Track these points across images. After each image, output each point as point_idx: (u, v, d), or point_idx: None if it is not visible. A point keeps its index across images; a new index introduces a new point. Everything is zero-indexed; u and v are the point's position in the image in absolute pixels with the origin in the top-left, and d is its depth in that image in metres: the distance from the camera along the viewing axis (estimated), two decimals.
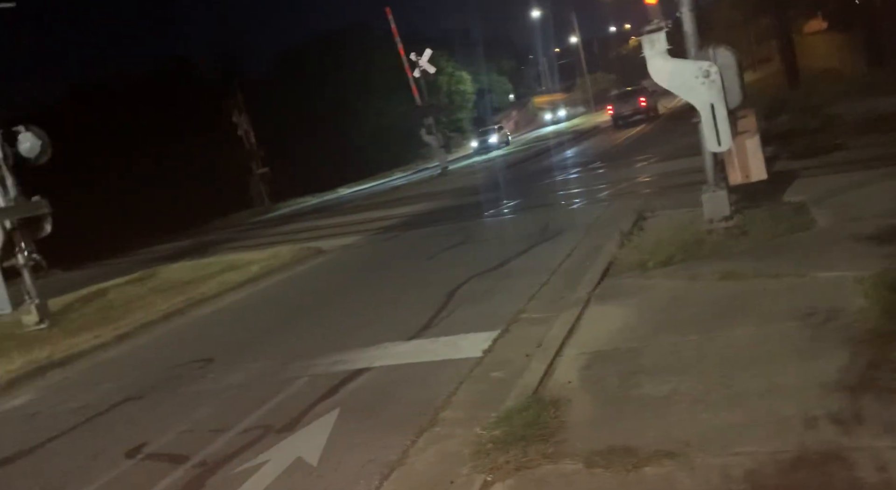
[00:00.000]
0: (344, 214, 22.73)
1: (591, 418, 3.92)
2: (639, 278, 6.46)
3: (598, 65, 73.52)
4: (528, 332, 5.86)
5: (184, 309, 10.72)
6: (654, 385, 4.13)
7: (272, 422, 5.21)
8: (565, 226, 10.62)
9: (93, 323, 10.48)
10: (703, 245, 6.92)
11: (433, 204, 18.94)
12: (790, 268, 5.60)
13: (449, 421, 4.47)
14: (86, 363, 8.66)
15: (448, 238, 12.41)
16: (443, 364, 5.72)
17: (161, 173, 38.95)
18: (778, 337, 4.41)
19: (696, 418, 3.61)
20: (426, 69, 32.25)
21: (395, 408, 5.04)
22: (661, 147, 18.71)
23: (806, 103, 17.49)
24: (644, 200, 10.83)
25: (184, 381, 6.90)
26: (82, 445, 5.67)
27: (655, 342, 4.83)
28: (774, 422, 3.39)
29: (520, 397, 4.35)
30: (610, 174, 16.32)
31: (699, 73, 6.62)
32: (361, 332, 7.21)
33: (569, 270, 7.77)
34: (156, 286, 13.28)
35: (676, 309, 5.42)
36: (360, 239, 15.22)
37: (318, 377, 6.06)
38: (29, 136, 10.60)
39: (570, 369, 4.72)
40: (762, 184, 7.58)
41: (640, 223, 8.83)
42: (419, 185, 28.01)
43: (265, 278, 12.29)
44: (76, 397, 7.12)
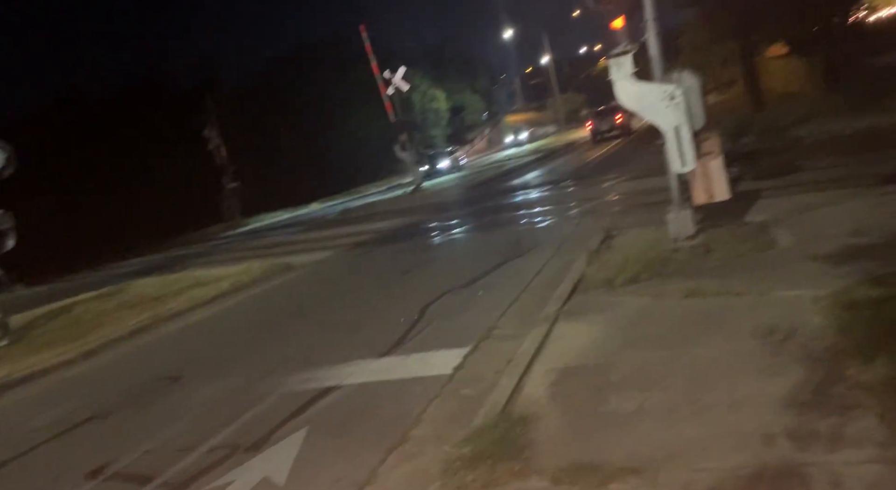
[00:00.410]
0: (316, 230, 22.63)
1: (559, 435, 3.97)
2: (607, 295, 6.57)
3: (569, 85, 74.68)
4: (499, 349, 5.91)
5: (152, 325, 10.56)
6: (621, 401, 4.20)
7: (239, 441, 5.16)
8: (536, 242, 10.74)
9: (57, 339, 10.26)
10: (668, 263, 7.07)
11: (406, 220, 18.98)
12: (752, 286, 5.75)
13: (419, 439, 4.48)
14: (48, 381, 8.47)
15: (420, 254, 12.46)
16: (414, 381, 5.73)
17: (132, 187, 38.42)
18: (740, 354, 4.53)
19: (662, 434, 3.69)
20: (400, 87, 32.41)
21: (364, 426, 5.03)
22: (629, 166, 19.06)
23: (768, 125, 18.02)
24: (612, 219, 11.01)
25: (150, 399, 6.79)
26: (42, 467, 5.54)
27: (623, 358, 4.91)
28: (736, 438, 3.49)
29: (489, 415, 4.39)
30: (579, 192, 16.55)
31: (664, 96, 6.80)
32: (333, 349, 7.19)
33: (539, 287, 7.85)
34: (124, 302, 13.05)
35: (643, 326, 5.52)
36: (333, 254, 15.17)
37: (288, 395, 6.02)
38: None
39: (539, 386, 4.77)
40: (725, 204, 7.78)
41: (608, 241, 8.98)
42: (393, 201, 28.04)
43: (235, 294, 12.17)
44: (37, 417, 6.95)
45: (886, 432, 3.22)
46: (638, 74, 7.10)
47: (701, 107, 6.90)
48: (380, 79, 31.75)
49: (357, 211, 26.84)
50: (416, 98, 49.43)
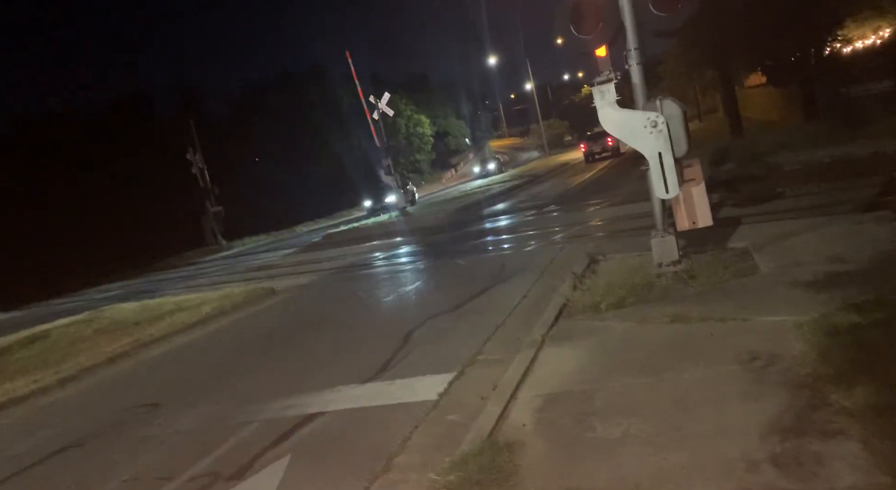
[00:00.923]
0: (299, 254, 22.52)
1: (545, 462, 3.95)
2: (592, 320, 6.59)
3: (553, 111, 75.73)
4: (484, 374, 5.89)
5: (131, 351, 10.39)
6: (606, 427, 4.20)
7: (221, 469, 5.07)
8: (520, 268, 10.77)
9: (32, 366, 10.05)
10: (652, 288, 7.12)
11: (388, 245, 18.97)
12: (735, 312, 5.80)
13: (403, 466, 4.43)
14: (23, 409, 8.27)
15: (404, 279, 12.44)
16: (398, 407, 5.68)
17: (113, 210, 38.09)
18: (723, 379, 4.55)
19: (647, 460, 3.68)
20: (385, 111, 32.64)
21: (348, 453, 4.96)
22: (613, 192, 19.27)
23: (749, 152, 18.35)
24: (596, 244, 11.09)
25: (129, 427, 6.66)
26: None
27: (608, 384, 4.92)
28: (720, 464, 3.49)
29: (475, 441, 4.35)
30: (563, 217, 16.68)
31: (647, 123, 6.91)
32: (315, 375, 7.11)
33: (524, 312, 7.86)
34: (102, 327, 12.84)
35: (628, 351, 5.53)
36: (315, 279, 15.08)
37: (270, 422, 5.93)
38: None
39: (524, 412, 4.75)
40: (708, 230, 7.87)
41: (593, 266, 9.03)
42: (377, 224, 28.02)
43: (216, 319, 12.04)
44: (11, 446, 6.78)
45: (869, 458, 3.24)
46: (621, 102, 7.22)
47: (684, 134, 7.02)
48: (365, 103, 31.97)
49: (342, 234, 26.79)
50: (401, 123, 49.80)
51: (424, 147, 54.99)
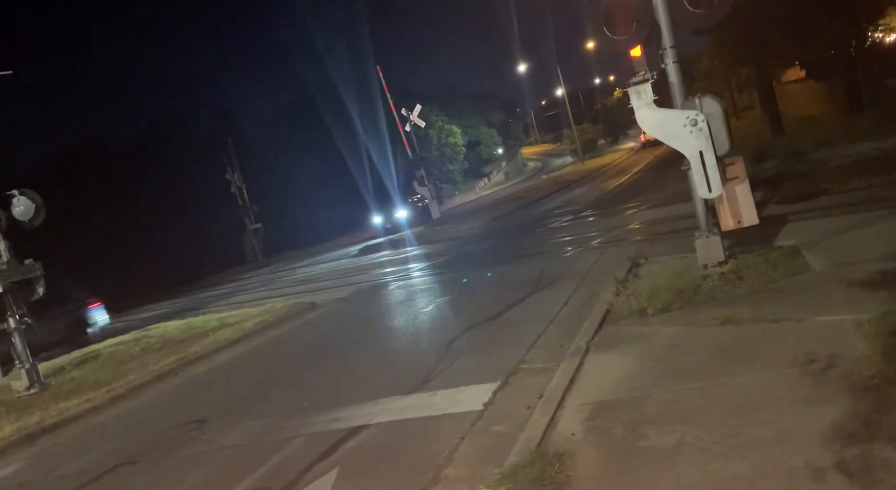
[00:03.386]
0: (340, 268, 22.70)
1: (598, 472, 3.84)
2: (637, 326, 6.43)
3: (585, 116, 75.16)
4: (529, 383, 5.80)
5: (177, 368, 10.57)
6: (659, 436, 4.06)
7: (269, 485, 5.08)
8: (560, 274, 10.63)
9: (85, 386, 10.29)
10: (699, 291, 6.94)
11: (425, 256, 18.97)
12: (788, 312, 5.59)
13: (452, 478, 4.36)
14: (77, 428, 8.46)
15: (443, 289, 12.39)
16: (443, 418, 5.62)
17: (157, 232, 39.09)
18: (781, 383, 4.37)
19: (705, 470, 3.54)
20: (416, 123, 32.85)
21: (395, 466, 4.92)
22: (651, 194, 18.95)
23: (790, 149, 17.86)
24: (637, 248, 10.89)
25: (178, 444, 6.74)
26: None
27: (658, 391, 4.77)
28: (784, 473, 3.34)
29: (523, 452, 4.26)
30: (602, 222, 16.46)
31: (686, 122, 6.77)
32: (358, 388, 7.10)
33: (566, 319, 7.74)
34: (149, 346, 13.11)
35: (677, 356, 5.38)
36: (355, 292, 15.17)
37: (316, 436, 5.93)
38: (23, 199, 10.64)
39: (573, 421, 4.64)
40: (754, 229, 7.65)
41: (635, 270, 8.85)
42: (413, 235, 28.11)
43: (259, 335, 12.18)
44: (67, 464, 6.92)
45: None
46: (658, 102, 7.09)
47: (725, 132, 6.85)
48: (396, 116, 32.23)
49: (380, 247, 26.92)
50: (433, 134, 50.02)
51: (457, 157, 55.08)
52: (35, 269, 10.76)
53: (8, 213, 10.57)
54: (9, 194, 10.63)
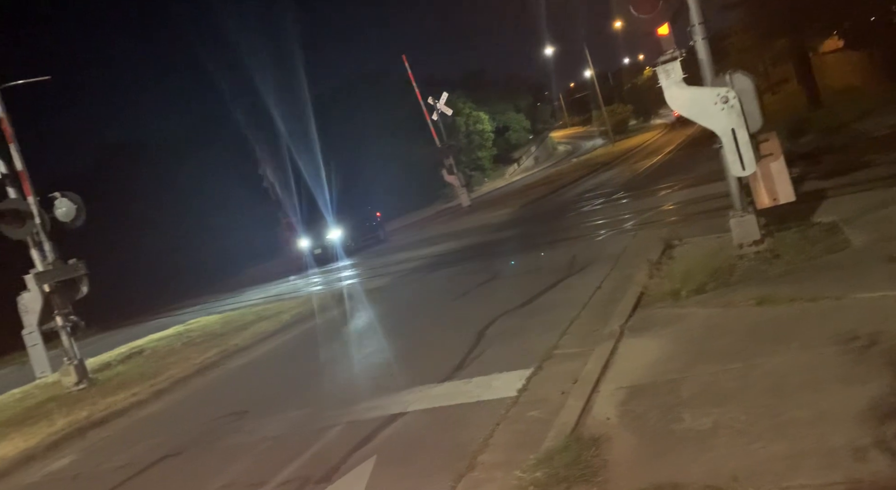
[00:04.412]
0: (370, 258, 22.87)
1: (634, 455, 3.83)
2: (672, 308, 6.36)
3: (614, 97, 74.02)
4: (563, 369, 5.79)
5: (218, 361, 10.82)
6: (695, 418, 4.03)
7: (309, 473, 5.18)
8: (592, 258, 10.54)
9: (130, 380, 10.61)
10: (734, 271, 6.82)
11: (457, 244, 18.99)
12: (827, 290, 5.47)
13: (487, 464, 4.39)
14: (125, 421, 8.74)
15: (474, 276, 12.39)
16: (478, 405, 5.66)
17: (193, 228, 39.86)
18: (821, 362, 4.29)
19: (743, 451, 3.50)
20: (443, 111, 32.76)
21: (431, 452, 4.98)
22: (683, 175, 18.62)
23: (829, 122, 17.34)
24: (671, 229, 10.72)
25: (220, 435, 6.92)
26: None
27: (694, 373, 4.72)
28: (824, 453, 3.28)
29: (559, 437, 4.27)
30: (634, 204, 16.24)
31: (717, 100, 6.63)
32: (394, 376, 7.19)
33: (600, 303, 7.68)
34: (190, 340, 13.44)
35: (713, 338, 5.31)
36: (388, 281, 15.28)
37: (353, 424, 6.03)
38: (64, 201, 10.97)
39: (608, 405, 4.63)
40: (790, 206, 7.47)
41: (669, 252, 8.73)
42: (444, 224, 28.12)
43: (296, 326, 12.38)
44: (116, 456, 7.17)
45: None
46: (687, 80, 6.95)
47: (757, 108, 6.68)
48: (423, 105, 32.19)
49: (409, 236, 27.03)
50: (461, 121, 49.82)
51: (485, 144, 54.77)
52: (79, 269, 11.10)
53: (51, 215, 10.92)
54: (51, 197, 10.97)
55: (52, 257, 10.89)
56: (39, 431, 8.51)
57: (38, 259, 10.86)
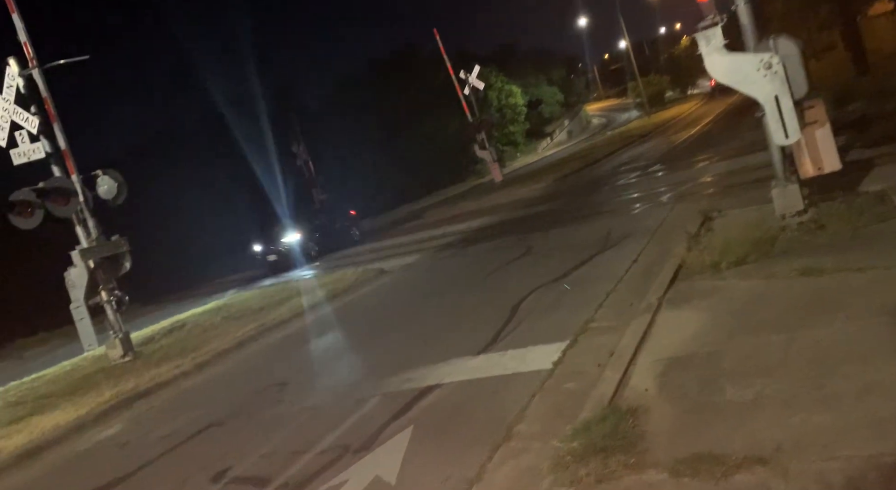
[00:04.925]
0: (403, 234, 22.97)
1: (673, 426, 3.80)
2: (711, 280, 6.25)
3: (650, 67, 72.26)
4: (599, 342, 5.75)
5: (256, 335, 11.04)
6: (737, 389, 3.97)
7: (348, 442, 5.28)
8: (628, 232, 10.40)
9: (173, 353, 10.91)
10: (777, 242, 6.65)
11: (490, 219, 18.92)
12: (875, 260, 5.30)
13: (524, 435, 4.41)
14: (169, 392, 9.01)
15: (507, 252, 12.35)
16: (513, 377, 5.68)
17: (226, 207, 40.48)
18: (868, 334, 4.17)
19: (787, 422, 3.44)
20: (475, 86, 32.44)
21: (467, 423, 5.02)
22: (722, 146, 18.16)
23: (877, 89, 16.64)
24: (709, 201, 10.50)
25: (261, 406, 7.08)
26: (171, 472, 5.89)
27: (735, 345, 4.65)
28: (872, 424, 3.21)
29: (596, 408, 4.26)
30: (670, 177, 15.93)
31: (760, 66, 6.40)
32: (429, 350, 7.23)
33: (636, 277, 7.59)
34: (229, 315, 13.73)
35: (755, 309, 5.20)
36: (421, 257, 15.34)
37: (390, 396, 6.10)
38: (106, 179, 11.23)
39: (646, 377, 4.59)
40: (836, 175, 7.22)
41: (708, 224, 8.56)
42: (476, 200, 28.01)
43: (332, 301, 12.53)
44: (162, 426, 7.40)
45: None
46: (728, 46, 6.73)
47: (802, 73, 6.44)
48: (455, 79, 31.90)
49: (440, 213, 27.03)
50: (493, 95, 49.27)
51: (518, 118, 54.10)
52: (122, 245, 11.40)
53: (93, 193, 11.20)
54: (93, 174, 11.25)
55: (95, 234, 11.19)
56: (89, 402, 8.82)
57: (82, 236, 11.18)
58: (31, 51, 11.00)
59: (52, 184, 10.79)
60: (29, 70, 10.92)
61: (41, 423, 8.29)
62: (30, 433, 7.98)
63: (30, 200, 10.38)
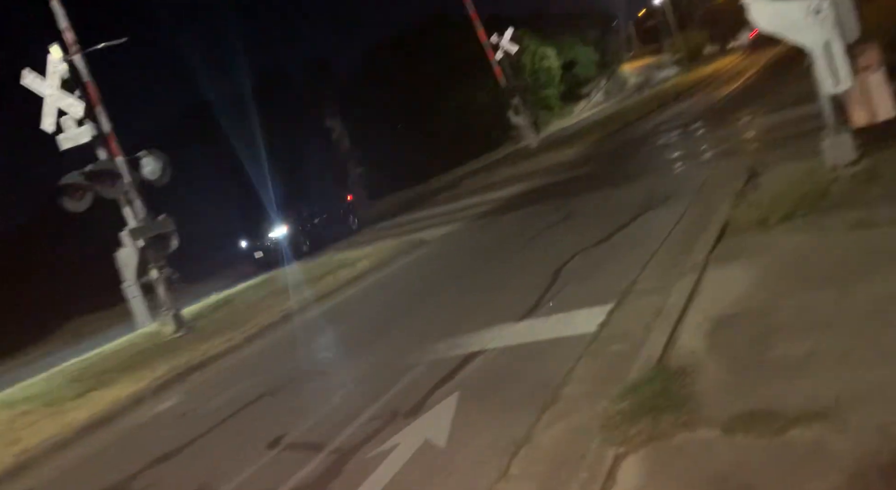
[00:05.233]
0: (440, 204, 22.96)
1: (724, 384, 3.75)
2: (759, 236, 6.09)
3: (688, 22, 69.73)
4: (645, 303, 5.67)
5: (301, 308, 11.26)
6: (789, 345, 3.89)
7: (396, 408, 5.37)
8: (671, 192, 10.18)
9: (223, 328, 11.23)
10: (827, 195, 6.42)
11: (528, 185, 18.74)
12: None
13: (571, 397, 4.42)
14: (221, 365, 9.30)
15: (547, 217, 12.23)
16: (557, 341, 5.67)
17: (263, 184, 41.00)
18: None
19: (843, 377, 3.37)
20: (508, 50, 31.85)
21: (514, 387, 5.05)
22: (765, 99, 17.50)
23: None
24: (754, 157, 10.18)
25: (310, 375, 7.27)
26: (229, 440, 6.11)
27: (786, 301, 4.54)
28: None
29: (644, 369, 4.23)
30: (713, 133, 15.47)
31: (808, 11, 6.12)
32: (471, 317, 7.27)
33: (680, 236, 7.44)
34: (274, 289, 14.01)
35: (806, 264, 5.06)
36: (460, 226, 15.33)
37: (436, 362, 6.17)
38: (150, 159, 11.49)
39: (694, 336, 4.53)
40: (891, 123, 6.90)
41: (753, 180, 8.31)
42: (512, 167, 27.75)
43: (373, 272, 12.67)
44: (217, 397, 7.66)
45: None
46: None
47: (853, 16, 6.13)
48: (487, 45, 31.37)
49: (477, 180, 26.88)
50: (526, 59, 48.30)
51: (552, 81, 52.99)
52: (168, 224, 11.69)
53: (138, 174, 11.47)
54: (138, 156, 11.51)
55: (143, 214, 11.50)
56: (145, 376, 9.17)
57: (130, 216, 11.50)
58: (72, 36, 11.22)
59: (99, 166, 11.09)
60: (70, 55, 11.14)
61: (103, 397, 8.66)
62: (94, 406, 8.36)
63: (79, 183, 10.69)
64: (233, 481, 5.00)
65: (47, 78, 11.06)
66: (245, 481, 4.96)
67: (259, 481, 4.89)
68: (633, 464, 3.27)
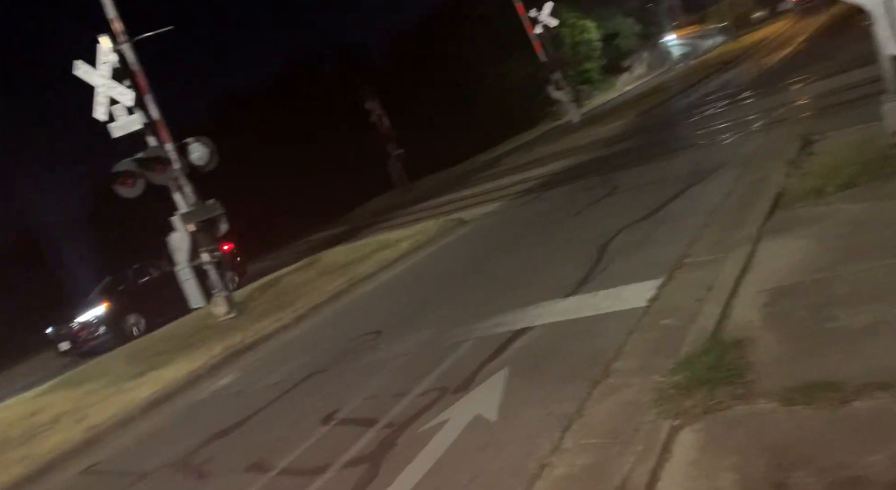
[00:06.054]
0: (482, 182, 22.88)
1: (782, 356, 3.67)
2: (815, 206, 5.89)
3: None
4: (696, 277, 5.57)
5: (348, 288, 11.43)
6: (850, 316, 3.77)
7: (446, 384, 5.43)
8: (720, 163, 9.91)
9: (272, 308, 11.50)
10: (888, 162, 6.15)
11: (570, 161, 18.50)
12: None
13: (623, 371, 4.38)
14: (273, 344, 9.54)
15: (591, 192, 12.08)
16: (606, 317, 5.62)
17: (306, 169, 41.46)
18: None
19: None
20: (547, 24, 31.29)
21: (563, 362, 5.04)
22: (817, 65, 16.82)
23: None
24: (807, 124, 9.82)
25: (359, 353, 7.39)
26: (284, 415, 6.29)
27: (845, 271, 4.39)
28: None
29: (697, 342, 4.17)
30: (763, 102, 14.96)
31: None
32: (517, 294, 7.25)
33: (731, 208, 7.24)
34: (320, 271, 14.25)
35: (865, 233, 4.88)
36: (502, 204, 15.27)
37: (482, 340, 6.20)
38: (197, 146, 11.75)
39: (749, 309, 4.43)
40: None
41: (808, 148, 8.03)
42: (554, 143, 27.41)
43: (416, 252, 12.76)
44: (270, 375, 7.88)
45: None
46: None
47: None
48: (526, 19, 30.88)
49: (518, 158, 26.65)
50: (566, 33, 47.33)
51: (593, 54, 51.86)
52: (217, 208, 11.98)
53: (186, 160, 11.75)
54: (185, 142, 11.79)
55: (192, 199, 11.80)
56: (201, 356, 9.49)
57: (180, 201, 11.81)
58: (120, 26, 11.49)
59: (149, 153, 11.41)
60: (119, 44, 11.43)
61: (162, 376, 9.01)
62: (154, 385, 8.70)
63: (131, 170, 11.02)
64: (290, 455, 5.15)
65: (98, 68, 11.37)
66: (302, 455, 5.11)
67: (315, 455, 5.02)
68: (689, 436, 3.24)
